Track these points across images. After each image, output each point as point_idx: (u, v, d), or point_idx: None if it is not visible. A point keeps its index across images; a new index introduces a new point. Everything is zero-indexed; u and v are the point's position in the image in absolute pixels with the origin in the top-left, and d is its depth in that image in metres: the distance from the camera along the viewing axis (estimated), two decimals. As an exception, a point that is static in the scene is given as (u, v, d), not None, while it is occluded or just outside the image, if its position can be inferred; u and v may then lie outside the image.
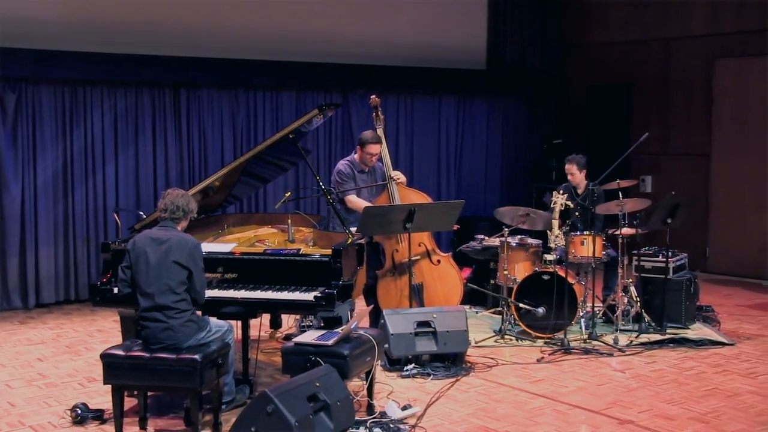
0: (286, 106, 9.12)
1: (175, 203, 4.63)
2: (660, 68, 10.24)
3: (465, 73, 10.25)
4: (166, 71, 8.29)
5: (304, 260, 4.98)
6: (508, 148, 10.86)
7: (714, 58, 9.73)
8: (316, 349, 4.58)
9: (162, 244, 4.50)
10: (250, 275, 5.00)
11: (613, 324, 6.80)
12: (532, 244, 7.00)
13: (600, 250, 6.64)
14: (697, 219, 9.52)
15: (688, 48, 9.97)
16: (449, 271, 6.43)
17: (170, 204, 4.63)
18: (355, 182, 6.44)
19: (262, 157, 5.56)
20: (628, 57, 10.52)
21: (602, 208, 6.89)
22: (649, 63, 10.34)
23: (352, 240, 5.15)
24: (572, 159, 7.25)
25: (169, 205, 4.63)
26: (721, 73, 9.72)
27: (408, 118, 10.02)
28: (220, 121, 8.73)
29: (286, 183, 8.96)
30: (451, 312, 5.81)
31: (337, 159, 7.87)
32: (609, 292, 7.14)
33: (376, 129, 6.43)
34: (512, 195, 10.74)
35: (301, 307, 4.94)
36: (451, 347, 5.73)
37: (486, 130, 10.65)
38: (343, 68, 9.30)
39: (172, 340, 4.45)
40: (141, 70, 8.14)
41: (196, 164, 8.62)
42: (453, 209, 6.13)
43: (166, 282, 4.45)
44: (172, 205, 4.63)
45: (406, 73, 9.79)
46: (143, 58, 8.12)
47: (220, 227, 5.94)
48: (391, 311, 5.74)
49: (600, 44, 10.82)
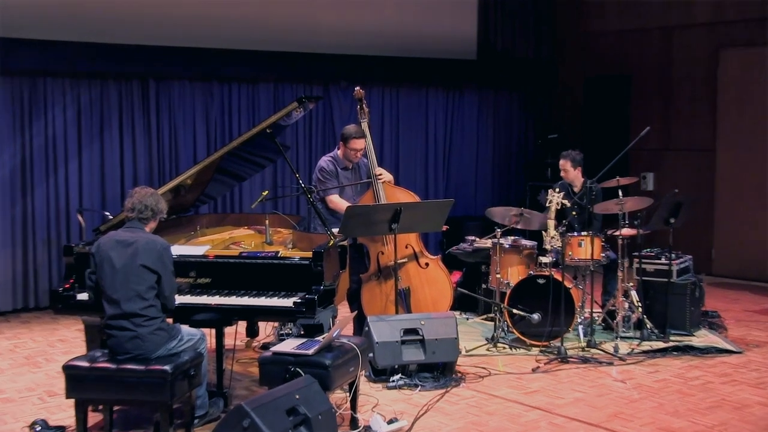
0: (264, 98, 9.11)
1: (143, 202, 4.61)
2: (661, 58, 10.29)
3: (454, 64, 10.26)
4: (134, 61, 8.25)
5: (282, 264, 4.96)
6: (500, 144, 10.89)
7: (718, 47, 9.78)
8: (295, 358, 4.56)
9: (128, 246, 4.47)
10: (225, 280, 4.98)
11: (612, 331, 6.81)
12: (527, 245, 7.01)
13: (598, 252, 6.65)
14: (702, 218, 9.57)
15: (690, 37, 10.02)
16: (438, 274, 6.42)
17: (138, 203, 4.61)
18: (337, 180, 6.43)
19: (238, 154, 5.54)
20: (627, 47, 10.57)
21: (601, 207, 6.90)
22: (648, 53, 10.38)
23: (334, 242, 5.14)
24: (566, 155, 7.26)
25: (137, 205, 4.61)
26: (726, 63, 9.77)
27: (393, 112, 10.03)
28: (193, 114, 8.70)
29: (263, 181, 8.95)
30: (440, 318, 5.81)
31: (318, 155, 7.86)
32: (608, 296, 7.15)
33: (361, 123, 6.42)
34: (505, 193, 10.78)
35: (279, 313, 4.92)
36: (440, 356, 5.72)
37: (476, 124, 10.68)
38: (324, 58, 9.29)
39: (141, 349, 4.42)
40: (107, 60, 8.09)
41: (166, 161, 8.59)
42: (442, 209, 6.13)
43: (134, 287, 4.42)
44: (140, 204, 4.61)
45: (391, 64, 9.79)
46: (109, 48, 8.07)
47: (192, 228, 5.91)
48: (376, 318, 5.74)
49: (597, 33, 10.86)
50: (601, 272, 7.24)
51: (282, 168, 9.09)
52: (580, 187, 7.25)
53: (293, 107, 5.29)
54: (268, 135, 5.33)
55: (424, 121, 10.26)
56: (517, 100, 11.00)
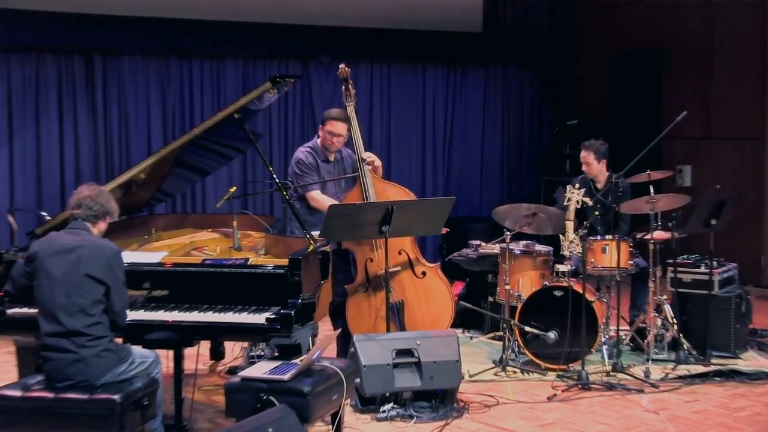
0: (231, 78, 9.11)
1: (92, 199, 4.60)
2: (700, 31, 10.31)
3: (456, 37, 10.29)
4: (75, 33, 8.24)
5: (253, 273, 4.97)
6: (510, 131, 10.91)
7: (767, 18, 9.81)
8: (268, 385, 4.56)
9: (70, 252, 4.45)
10: (185, 292, 4.98)
11: (643, 352, 6.83)
12: (541, 251, 7.02)
13: (626, 260, 6.66)
14: (749, 219, 9.58)
15: (735, 7, 10.04)
16: (437, 285, 6.43)
17: (85, 199, 4.60)
18: (318, 174, 6.44)
19: (201, 143, 5.54)
20: (660, 17, 10.60)
21: (628, 206, 6.92)
22: (685, 24, 10.40)
23: (315, 247, 5.15)
24: (589, 145, 7.28)
25: (84, 201, 4.60)
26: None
27: (384, 94, 10.04)
28: (146, 96, 8.70)
29: (230, 176, 8.95)
30: (439, 337, 5.82)
31: (296, 145, 7.86)
32: (638, 311, 7.17)
33: (346, 107, 6.42)
34: (515, 189, 10.80)
35: (249, 332, 4.91)
36: (439, 382, 5.73)
37: (482, 107, 10.70)
38: (302, 30, 9.30)
39: (84, 375, 4.41)
40: (43, 31, 8.08)
41: (115, 151, 8.59)
42: (441, 208, 6.14)
43: (77, 301, 4.40)
44: (87, 200, 4.60)
45: (381, 37, 9.81)
46: (46, 16, 8.06)
47: (146, 232, 5.91)
48: (363, 337, 5.74)
49: (624, 1, 10.88)
50: (629, 283, 7.26)
51: (253, 160, 9.10)
52: (604, 183, 7.26)
53: (266, 88, 5.30)
54: (236, 121, 5.34)
55: (421, 105, 10.28)
56: (529, 80, 11.03)
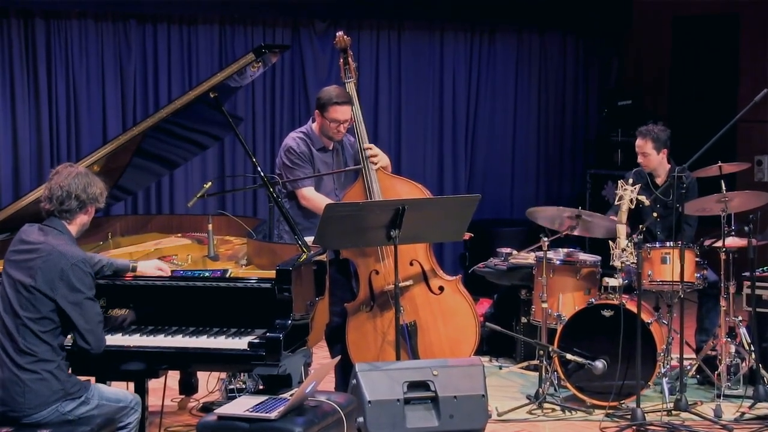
0: (204, 48, 9.10)
1: (60, 192, 4.59)
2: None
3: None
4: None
5: (232, 288, 4.99)
6: (547, 112, 10.88)
7: None
8: (251, 425, 4.58)
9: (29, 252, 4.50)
10: (149, 311, 5.01)
11: (713, 386, 6.85)
12: (586, 261, 7.05)
13: (692, 272, 6.68)
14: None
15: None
16: (457, 303, 6.45)
17: (57, 189, 4.60)
18: (312, 167, 6.44)
19: (168, 128, 5.57)
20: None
21: (695, 207, 6.92)
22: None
23: (308, 256, 5.17)
24: (646, 132, 7.28)
25: (56, 191, 4.60)
26: None
27: (393, 66, 10.01)
28: (100, 69, 8.69)
29: (204, 169, 8.96)
30: (460, 367, 5.83)
31: (285, 131, 7.90)
32: (706, 336, 7.19)
33: (346, 84, 6.45)
34: (554, 186, 10.78)
35: (227, 360, 4.93)
36: (460, 422, 5.74)
37: (514, 83, 10.67)
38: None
39: (15, 401, 4.40)
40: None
41: (62, 136, 8.58)
42: (463, 208, 6.15)
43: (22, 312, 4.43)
44: (59, 190, 4.59)
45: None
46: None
47: (101, 237, 5.94)
48: (367, 366, 5.75)
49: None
50: (696, 301, 7.28)
51: (232, 149, 9.11)
52: (664, 178, 7.27)
53: (248, 61, 5.32)
54: (211, 101, 5.36)
55: (438, 79, 10.24)
56: (572, 49, 10.99)
